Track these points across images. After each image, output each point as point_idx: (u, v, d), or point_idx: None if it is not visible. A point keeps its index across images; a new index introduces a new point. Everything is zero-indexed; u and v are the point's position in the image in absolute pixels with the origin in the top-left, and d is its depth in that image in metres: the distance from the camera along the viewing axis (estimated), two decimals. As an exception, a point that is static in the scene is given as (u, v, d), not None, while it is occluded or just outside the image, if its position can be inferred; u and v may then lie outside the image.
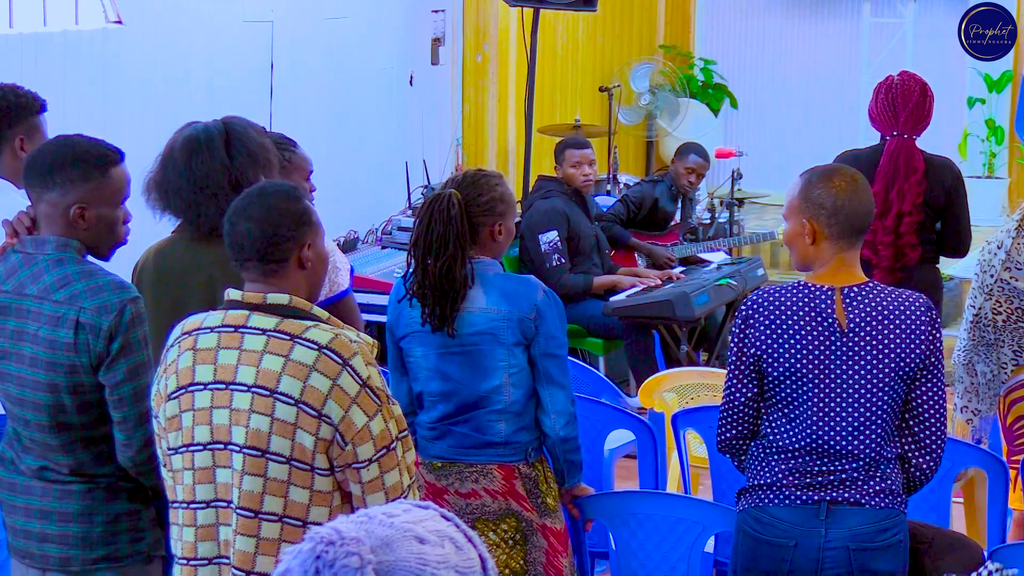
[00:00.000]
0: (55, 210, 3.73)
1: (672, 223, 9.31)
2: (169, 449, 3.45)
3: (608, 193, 10.12)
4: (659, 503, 4.81)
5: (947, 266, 10.26)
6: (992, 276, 5.29)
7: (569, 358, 4.62)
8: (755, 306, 4.07)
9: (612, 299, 8.14)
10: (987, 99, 12.07)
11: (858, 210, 4.03)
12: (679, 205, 9.32)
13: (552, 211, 8.21)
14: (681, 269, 8.88)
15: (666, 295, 8.06)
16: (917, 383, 4.02)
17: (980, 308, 5.35)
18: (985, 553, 4.45)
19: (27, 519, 3.86)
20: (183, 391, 3.40)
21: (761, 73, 13.24)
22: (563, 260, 8.19)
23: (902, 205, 6.21)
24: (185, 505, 3.42)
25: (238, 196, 4.09)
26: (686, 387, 6.22)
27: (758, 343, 4.05)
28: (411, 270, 4.42)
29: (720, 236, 9.69)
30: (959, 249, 6.41)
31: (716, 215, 10.10)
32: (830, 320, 4.00)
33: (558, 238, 8.17)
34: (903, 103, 6.25)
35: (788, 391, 4.04)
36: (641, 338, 8.13)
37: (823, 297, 4.02)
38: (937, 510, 5.23)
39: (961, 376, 5.49)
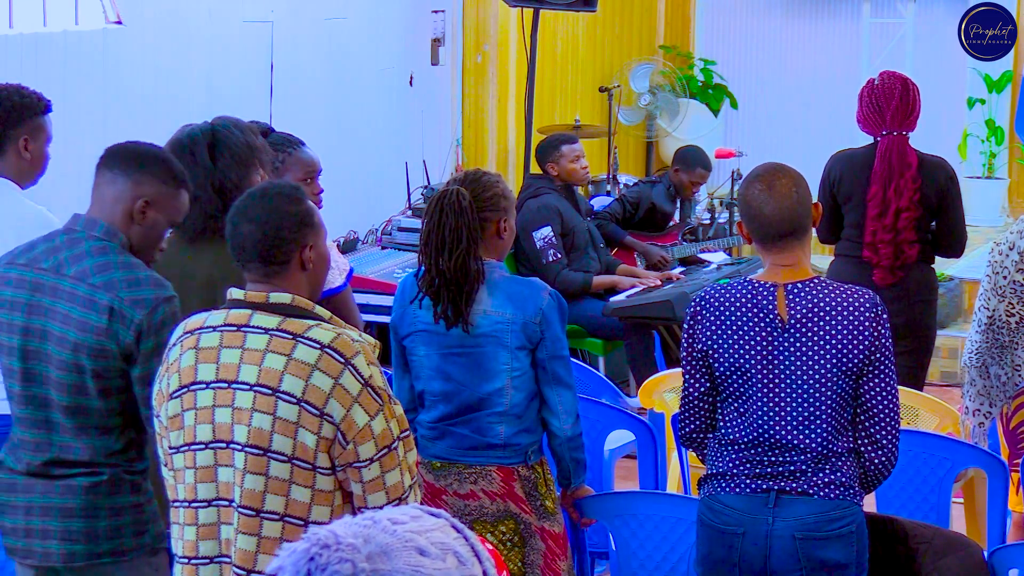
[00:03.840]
0: (123, 196, 3.82)
1: (671, 223, 9.31)
2: (170, 448, 3.45)
3: (608, 193, 10.12)
4: (659, 503, 4.81)
5: (947, 266, 10.28)
6: (1005, 278, 5.28)
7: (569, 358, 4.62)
8: (702, 303, 4.13)
9: (612, 299, 8.14)
10: (987, 99, 12.06)
11: (770, 217, 4.03)
12: (678, 205, 9.33)
13: (544, 207, 8.23)
14: (681, 269, 8.88)
15: (666, 295, 8.06)
16: (865, 379, 4.05)
17: (994, 310, 5.33)
18: (985, 553, 4.45)
19: (28, 517, 3.88)
20: (185, 390, 3.40)
21: (761, 73, 13.23)
22: (559, 255, 8.19)
23: (900, 202, 6.22)
24: (186, 504, 3.42)
25: (223, 199, 4.16)
26: (686, 387, 6.21)
27: (705, 339, 4.10)
28: (422, 270, 4.42)
29: (720, 236, 9.69)
30: (955, 249, 6.42)
31: (716, 215, 10.10)
32: (772, 315, 4.04)
33: (552, 233, 8.19)
34: (886, 102, 6.28)
35: (736, 386, 4.09)
36: (641, 338, 8.13)
37: (765, 293, 4.07)
38: (937, 510, 5.23)
39: (974, 379, 5.46)
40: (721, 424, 4.16)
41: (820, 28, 13.08)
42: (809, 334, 4.03)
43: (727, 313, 4.08)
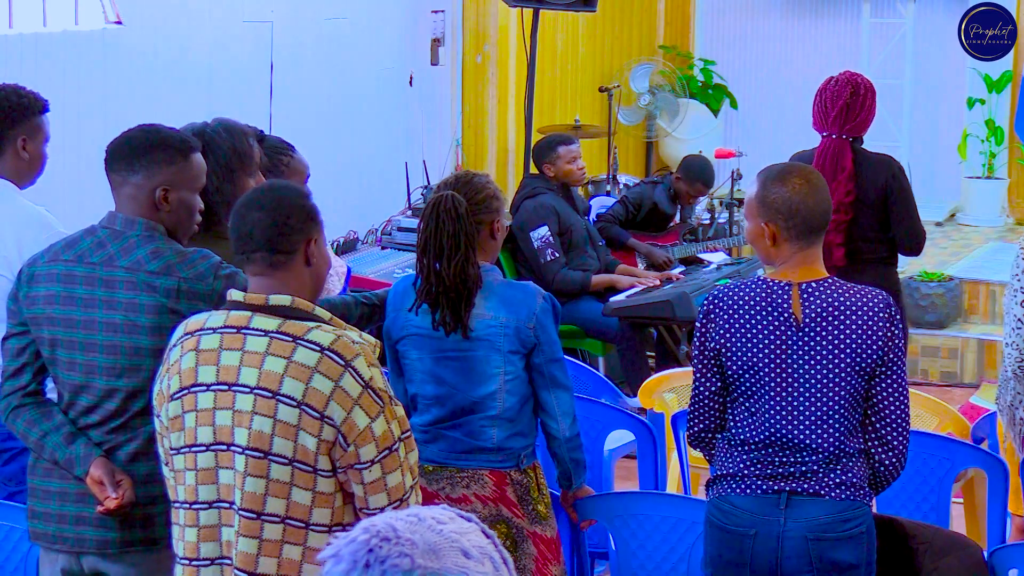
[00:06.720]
0: (140, 192, 3.86)
1: (671, 224, 9.32)
2: (171, 449, 3.45)
3: (608, 193, 10.13)
4: (659, 503, 4.81)
5: (947, 266, 10.29)
6: None
7: (569, 358, 4.62)
8: (715, 302, 4.12)
9: (612, 299, 8.15)
10: (987, 99, 12.06)
11: (814, 210, 4.05)
12: (678, 206, 9.34)
13: (540, 207, 8.25)
14: (681, 269, 8.89)
15: (666, 295, 8.06)
16: (877, 379, 4.05)
17: None
18: (985, 553, 4.45)
19: (62, 503, 3.90)
20: (186, 392, 3.40)
21: (761, 73, 13.24)
22: (557, 254, 8.21)
23: None
24: (187, 505, 3.42)
25: (204, 201, 4.21)
26: (686, 387, 6.22)
27: (718, 338, 4.09)
28: (419, 278, 4.40)
29: (720, 236, 9.69)
30: (912, 247, 6.26)
31: (716, 215, 10.11)
32: (786, 315, 4.04)
33: (549, 233, 8.21)
34: (831, 104, 6.23)
35: (748, 385, 4.08)
36: (633, 342, 8.12)
37: (780, 292, 4.06)
38: (937, 510, 5.23)
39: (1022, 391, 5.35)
40: (731, 424, 4.15)
41: (820, 28, 13.08)
42: (823, 333, 4.03)
43: (741, 312, 4.07)
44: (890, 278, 6.35)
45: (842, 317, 4.03)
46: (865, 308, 4.04)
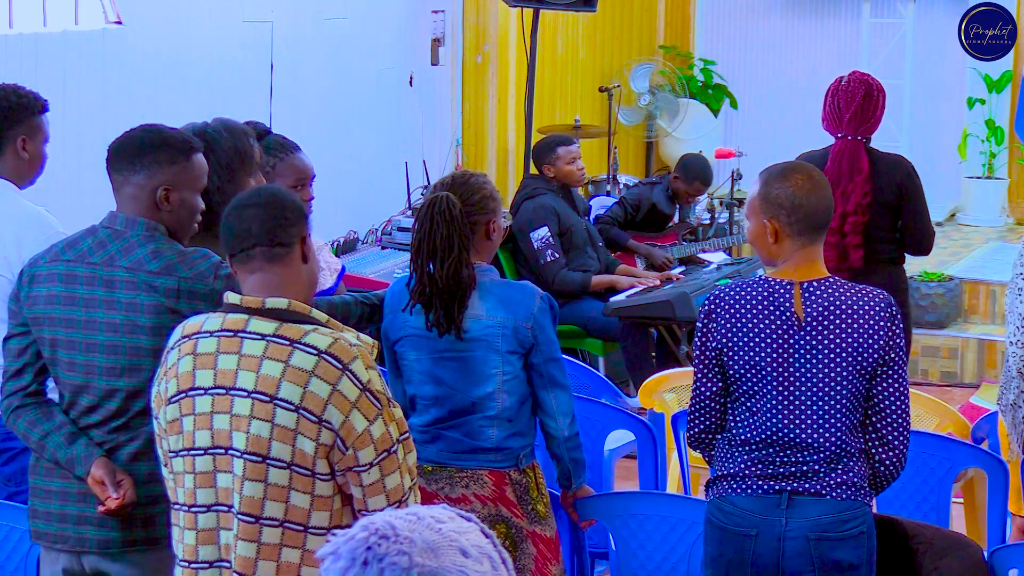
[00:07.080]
0: (141, 192, 3.87)
1: (671, 224, 9.32)
2: (170, 451, 3.44)
3: (608, 194, 10.13)
4: (659, 503, 4.82)
5: (947, 266, 10.28)
6: None
7: (569, 358, 4.61)
8: (717, 301, 4.12)
9: (612, 299, 8.15)
10: (987, 99, 12.06)
11: (817, 207, 4.06)
12: (677, 206, 9.35)
13: (540, 208, 8.26)
14: (681, 269, 8.89)
15: (666, 295, 8.07)
16: (878, 379, 4.05)
17: None
18: (985, 553, 4.45)
19: (64, 503, 3.91)
20: (183, 395, 3.39)
21: (761, 73, 13.24)
22: (557, 255, 8.22)
23: (846, 206, 6.15)
24: (186, 508, 3.42)
25: (205, 201, 4.22)
26: (686, 387, 6.22)
27: (719, 338, 4.09)
28: (413, 278, 4.40)
29: (720, 236, 9.69)
30: (922, 246, 6.32)
31: (716, 215, 10.11)
32: (788, 314, 4.04)
33: (549, 234, 8.22)
34: (846, 105, 6.22)
35: (749, 384, 4.07)
36: (638, 340, 8.13)
37: (782, 291, 4.06)
38: (937, 510, 5.23)
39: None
40: (732, 424, 4.15)
41: (820, 28, 13.08)
42: (825, 332, 4.03)
43: (743, 311, 4.07)
44: (899, 277, 6.37)
45: (844, 316, 4.03)
46: (866, 307, 4.05)
